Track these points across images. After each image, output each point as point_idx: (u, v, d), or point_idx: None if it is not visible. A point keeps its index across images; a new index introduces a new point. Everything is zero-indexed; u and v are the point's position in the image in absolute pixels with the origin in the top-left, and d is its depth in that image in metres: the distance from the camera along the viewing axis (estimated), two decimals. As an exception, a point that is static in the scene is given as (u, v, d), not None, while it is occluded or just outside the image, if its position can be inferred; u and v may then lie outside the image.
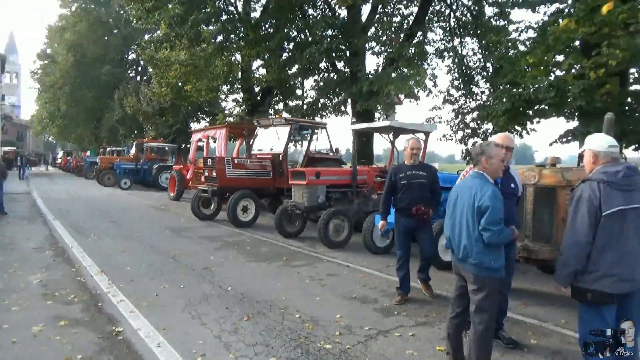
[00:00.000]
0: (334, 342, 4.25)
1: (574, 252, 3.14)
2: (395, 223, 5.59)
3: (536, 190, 5.21)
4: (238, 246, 8.82)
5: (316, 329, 4.56)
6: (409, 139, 5.64)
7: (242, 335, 4.37)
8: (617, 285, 3.07)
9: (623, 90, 9.02)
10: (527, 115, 10.49)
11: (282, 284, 6.16)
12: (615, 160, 3.26)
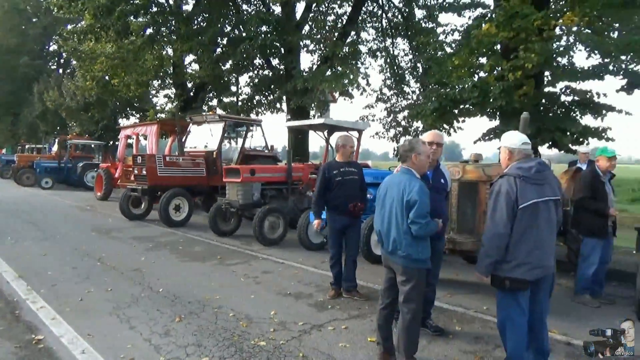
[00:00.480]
0: (268, 338, 4.25)
1: (494, 243, 3.35)
2: (329, 221, 5.58)
3: (460, 185, 5.48)
4: (170, 246, 8.56)
5: (250, 327, 4.54)
6: (343, 136, 5.70)
7: (173, 337, 4.26)
8: (531, 272, 3.32)
9: (538, 91, 9.67)
10: (454, 114, 10.99)
11: (216, 283, 6.06)
12: (528, 157, 3.52)
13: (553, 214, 3.43)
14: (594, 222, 5.40)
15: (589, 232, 5.47)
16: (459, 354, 4.02)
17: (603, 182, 5.49)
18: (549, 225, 3.38)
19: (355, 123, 10.64)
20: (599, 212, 5.38)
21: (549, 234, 3.37)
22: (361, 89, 16.29)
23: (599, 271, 5.55)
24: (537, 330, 3.55)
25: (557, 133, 9.49)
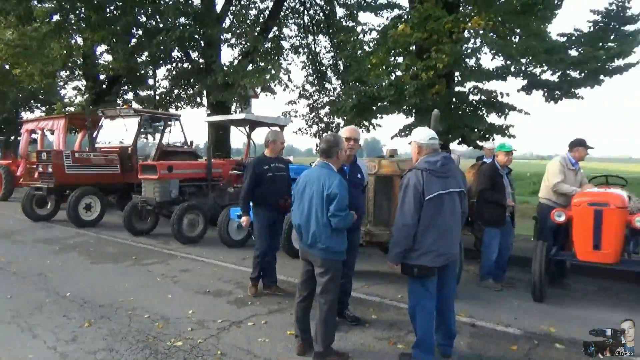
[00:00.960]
0: (185, 338, 4.16)
1: (403, 233, 3.52)
2: (259, 217, 5.40)
3: (376, 179, 5.68)
4: (80, 248, 8.06)
5: (167, 328, 4.41)
6: (273, 131, 5.64)
7: (81, 344, 4.03)
8: (436, 259, 3.53)
9: (449, 90, 10.27)
10: (372, 111, 11.36)
11: (130, 285, 5.81)
12: (435, 151, 3.72)
13: (457, 205, 3.67)
14: (493, 212, 5.85)
15: (489, 222, 5.91)
16: (375, 341, 4.18)
17: (501, 175, 5.96)
18: (453, 215, 3.61)
19: (277, 119, 10.65)
20: (497, 203, 5.84)
21: (453, 223, 3.60)
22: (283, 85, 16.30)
23: (500, 257, 6.03)
24: (445, 314, 3.79)
25: (466, 130, 10.14)
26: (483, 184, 5.92)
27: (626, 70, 9.94)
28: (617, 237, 5.09)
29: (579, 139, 6.12)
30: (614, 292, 5.96)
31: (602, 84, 10.05)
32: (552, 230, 5.96)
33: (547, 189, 6.11)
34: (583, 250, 5.23)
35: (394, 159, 5.93)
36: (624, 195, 5.43)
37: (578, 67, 9.78)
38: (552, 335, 4.41)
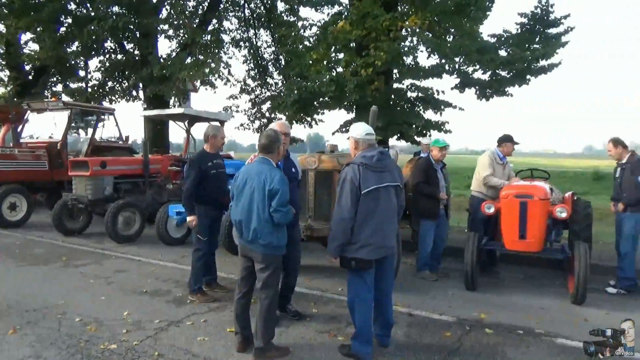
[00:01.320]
0: (120, 340, 4.01)
1: (341, 227, 3.58)
2: (201, 216, 5.17)
3: (316, 174, 5.73)
4: (4, 250, 7.55)
5: (100, 331, 4.23)
6: (213, 126, 5.51)
7: (5, 352, 3.79)
8: (373, 252, 3.62)
9: (388, 87, 10.53)
10: (314, 107, 11.43)
11: (60, 288, 5.52)
12: (372, 146, 3.81)
13: (393, 198, 3.77)
14: (428, 205, 6.09)
15: (424, 215, 6.15)
16: (315, 334, 4.24)
17: (435, 169, 6.21)
18: (389, 209, 3.71)
19: (218, 114, 10.45)
20: (431, 196, 6.07)
21: (389, 217, 3.70)
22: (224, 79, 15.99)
23: (436, 249, 6.29)
24: (383, 305, 3.90)
25: (404, 126, 10.44)
26: (418, 178, 6.13)
27: (550, 71, 10.62)
28: (540, 227, 5.44)
29: (506, 135, 6.48)
30: (538, 279, 6.38)
31: (529, 83, 10.68)
32: (483, 222, 6.29)
33: (478, 182, 6.43)
34: (510, 239, 5.56)
35: (334, 155, 6.01)
36: (547, 188, 5.82)
37: (507, 67, 10.33)
38: (483, 321, 4.66)
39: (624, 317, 4.72)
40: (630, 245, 5.70)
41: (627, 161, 5.80)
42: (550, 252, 5.80)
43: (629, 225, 5.71)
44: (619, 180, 5.91)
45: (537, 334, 4.34)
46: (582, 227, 5.93)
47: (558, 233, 6.17)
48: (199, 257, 5.21)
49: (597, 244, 7.73)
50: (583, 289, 5.11)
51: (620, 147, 5.89)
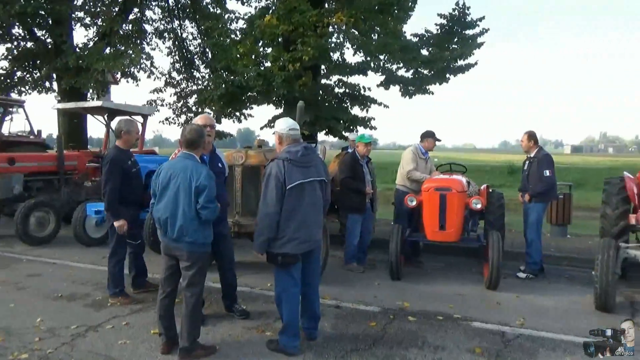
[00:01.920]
0: (32, 349, 3.75)
1: (266, 222, 3.58)
2: (128, 218, 4.88)
3: (243, 170, 5.67)
4: None
5: (9, 340, 3.93)
6: (126, 120, 5.23)
7: None
8: (299, 246, 3.65)
9: (316, 82, 10.63)
10: (242, 101, 11.29)
11: (-39, 296, 5.05)
12: (296, 141, 3.83)
13: (318, 193, 3.82)
14: (354, 199, 6.25)
15: (351, 209, 6.30)
16: (243, 331, 4.21)
17: (361, 164, 6.37)
18: (314, 204, 3.76)
19: (140, 107, 10.00)
20: (357, 191, 6.23)
21: (314, 211, 3.75)
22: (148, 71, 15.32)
23: (362, 242, 6.47)
24: (310, 298, 3.95)
25: (332, 121, 10.60)
26: (344, 173, 6.27)
27: (467, 70, 11.24)
28: (458, 218, 5.76)
29: (428, 131, 6.78)
30: (458, 267, 6.76)
31: (448, 82, 11.24)
32: (407, 214, 6.54)
33: (402, 176, 6.68)
34: (431, 230, 5.83)
35: (261, 150, 5.98)
36: (464, 181, 6.17)
37: (428, 66, 10.80)
38: (406, 309, 4.86)
39: (532, 299, 5.20)
40: (536, 233, 6.19)
41: (535, 155, 6.28)
42: (467, 242, 6.15)
43: (534, 214, 6.19)
44: (526, 173, 6.38)
45: (455, 318, 4.60)
46: (495, 217, 6.36)
47: (475, 223, 6.57)
48: (116, 261, 4.97)
49: (510, 233, 8.34)
50: (496, 274, 5.48)
51: (532, 141, 6.36)
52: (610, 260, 4.72)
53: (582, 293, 5.48)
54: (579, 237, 8.73)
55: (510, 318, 4.63)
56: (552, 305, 5.09)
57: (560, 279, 6.18)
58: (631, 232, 5.96)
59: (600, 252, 4.81)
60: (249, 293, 5.29)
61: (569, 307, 5.01)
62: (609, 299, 4.73)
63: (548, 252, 7.12)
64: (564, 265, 6.89)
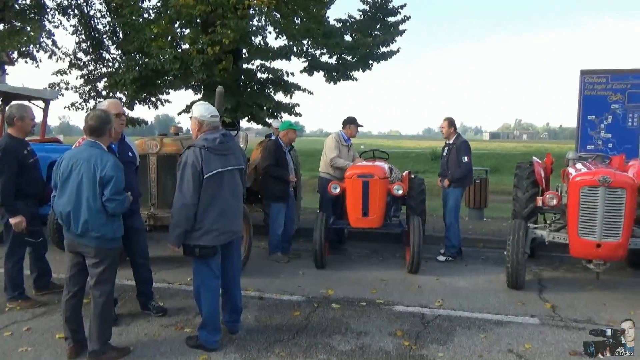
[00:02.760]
0: None
1: (183, 214, 3.49)
2: (26, 213, 4.51)
3: (158, 159, 5.49)
4: None
5: None
6: (19, 105, 4.80)
7: None
8: (218, 238, 3.61)
9: (237, 67, 10.42)
10: (157, 86, 10.84)
11: None
12: (215, 129, 3.75)
13: (238, 182, 3.79)
14: (277, 188, 6.26)
15: (274, 197, 6.32)
16: (160, 329, 4.10)
17: (284, 151, 6.40)
18: (234, 193, 3.72)
19: (40, 91, 9.28)
20: (280, 179, 6.25)
21: (234, 201, 3.72)
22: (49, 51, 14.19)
23: (286, 231, 6.51)
24: (231, 291, 3.92)
25: (254, 107, 10.49)
26: (267, 161, 6.25)
27: (390, 57, 11.56)
28: (380, 204, 5.96)
29: (350, 118, 6.92)
30: (381, 253, 7.02)
31: (371, 68, 11.50)
32: (331, 202, 6.67)
33: (325, 164, 6.79)
34: (354, 217, 6.00)
35: (177, 137, 5.81)
36: (386, 168, 6.40)
37: (351, 52, 10.97)
38: (330, 297, 4.98)
39: (451, 281, 5.53)
40: (454, 217, 6.58)
41: (454, 142, 6.63)
42: (390, 227, 6.40)
43: (452, 199, 6.56)
44: (446, 159, 6.73)
45: (377, 303, 4.79)
46: (417, 202, 6.66)
47: (397, 209, 6.83)
48: (14, 262, 4.62)
49: (431, 217, 8.78)
50: (417, 258, 5.76)
51: (452, 128, 6.71)
52: (520, 241, 5.13)
53: (495, 273, 5.92)
54: (494, 219, 9.39)
55: (430, 300, 4.90)
56: (468, 285, 5.45)
57: (477, 261, 6.63)
58: (539, 213, 6.49)
59: (511, 233, 5.22)
60: (167, 289, 5.15)
61: (484, 287, 5.40)
62: (519, 277, 5.15)
63: (466, 235, 7.60)
64: (480, 247, 7.40)
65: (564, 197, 5.40)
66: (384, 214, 6.09)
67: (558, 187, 5.98)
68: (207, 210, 3.52)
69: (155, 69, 9.68)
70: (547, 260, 6.57)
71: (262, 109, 10.60)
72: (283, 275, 5.75)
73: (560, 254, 6.50)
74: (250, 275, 5.48)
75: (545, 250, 6.65)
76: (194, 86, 11.19)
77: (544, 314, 4.53)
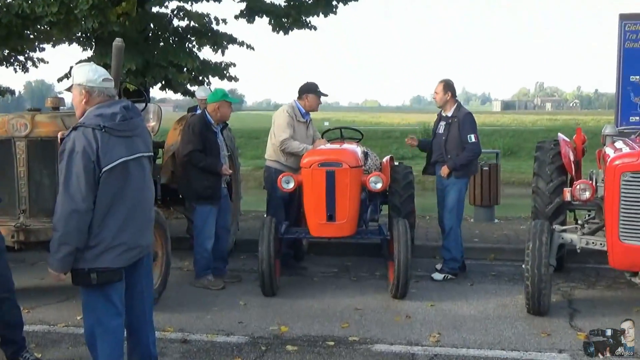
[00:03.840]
0: None
1: (72, 225, 3.39)
2: None
3: (29, 145, 5.33)
4: None
5: None
6: None
7: None
8: (124, 256, 3.54)
9: (144, 11, 10.26)
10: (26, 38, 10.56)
11: None
12: (111, 99, 3.68)
13: (148, 176, 3.75)
14: (205, 183, 6.19)
15: (199, 197, 6.26)
16: (38, 391, 4.03)
17: (214, 132, 6.35)
18: (144, 191, 3.67)
19: None
20: (209, 170, 6.20)
21: (144, 202, 3.66)
22: None
23: (219, 244, 6.48)
24: (140, 331, 3.87)
25: (170, 69, 10.37)
26: (191, 145, 6.14)
27: (361, -4, 11.64)
28: (352, 204, 6.00)
29: (308, 84, 6.94)
30: (355, 271, 7.11)
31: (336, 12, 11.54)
32: (282, 202, 6.68)
33: (274, 148, 6.78)
34: (316, 223, 6.03)
35: (57, 114, 5.67)
36: (359, 152, 6.44)
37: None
38: (284, 335, 5.03)
39: (451, 308, 5.66)
40: (455, 218, 6.72)
41: (454, 114, 6.74)
42: (366, 235, 6.46)
43: (453, 194, 6.69)
44: (444, 138, 6.82)
45: (350, 342, 4.85)
46: (402, 199, 6.76)
47: (375, 210, 6.91)
48: None
49: (423, 220, 8.95)
50: (404, 278, 5.84)
51: (449, 94, 6.79)
52: (543, 249, 5.27)
53: (511, 294, 6.10)
54: (508, 221, 9.66)
55: (423, 335, 5.00)
56: (474, 313, 5.59)
57: (485, 278, 6.80)
58: (568, 210, 6.68)
59: (530, 239, 5.35)
60: (47, 333, 5.09)
61: (496, 314, 5.55)
62: (542, 298, 5.30)
63: (471, 243, 7.79)
64: (490, 260, 7.60)
65: (599, 188, 5.55)
66: (357, 217, 6.14)
67: (592, 174, 6.15)
68: (108, 218, 3.45)
69: (23, 14, 9.40)
70: (579, 274, 6.81)
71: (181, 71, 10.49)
72: (216, 308, 5.73)
73: (596, 265, 6.76)
74: (168, 308, 5.45)
75: (577, 261, 6.89)
76: (81, 39, 10.97)
77: (576, 348, 4.69)
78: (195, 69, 10.61)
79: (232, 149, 7.26)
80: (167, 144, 7.32)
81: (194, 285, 6.39)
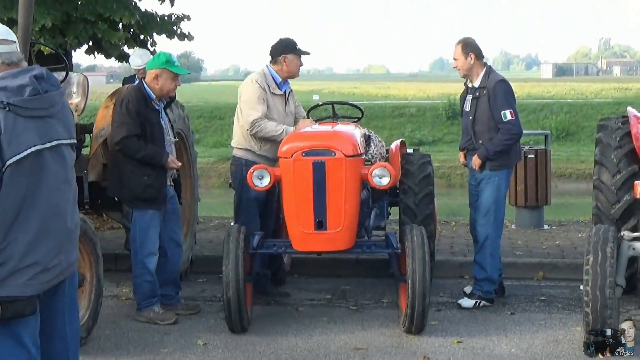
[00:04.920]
0: None
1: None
2: None
3: None
4: None
5: None
6: None
7: None
8: (39, 279, 3.51)
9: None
10: None
11: None
12: (17, 65, 3.67)
13: (71, 170, 3.74)
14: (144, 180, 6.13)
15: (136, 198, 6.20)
16: None
17: (157, 110, 6.32)
18: (64, 191, 3.66)
19: None
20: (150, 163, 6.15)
21: (64, 205, 3.66)
22: None
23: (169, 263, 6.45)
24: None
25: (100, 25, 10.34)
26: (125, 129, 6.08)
27: None
28: (349, 206, 5.99)
29: (285, 41, 6.90)
30: (355, 297, 7.12)
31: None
32: (256, 204, 6.67)
33: (242, 131, 6.75)
34: (300, 232, 6.02)
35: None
36: (357, 136, 6.43)
37: None
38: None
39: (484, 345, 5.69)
40: (493, 224, 6.73)
41: (483, 85, 6.71)
42: (367, 248, 6.45)
43: (490, 192, 6.69)
44: (470, 118, 6.82)
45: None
46: (418, 199, 6.75)
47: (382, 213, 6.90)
48: None
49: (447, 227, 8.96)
50: (421, 306, 5.82)
51: (472, 57, 6.75)
52: (608, 264, 5.28)
53: (566, 325, 6.14)
54: (562, 226, 9.68)
55: (447, 384, 5.04)
56: (517, 352, 5.61)
57: (531, 305, 6.83)
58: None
59: (591, 250, 5.36)
60: None
61: (546, 352, 5.57)
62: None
63: (512, 258, 7.81)
64: (538, 279, 7.64)
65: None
66: (355, 223, 6.14)
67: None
68: (15, 229, 3.45)
69: None
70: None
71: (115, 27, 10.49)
72: (166, 350, 5.73)
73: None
74: (101, 352, 5.46)
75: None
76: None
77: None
78: (135, 25, 10.59)
79: (183, 133, 7.22)
80: (97, 128, 7.22)
81: (135, 319, 6.39)
